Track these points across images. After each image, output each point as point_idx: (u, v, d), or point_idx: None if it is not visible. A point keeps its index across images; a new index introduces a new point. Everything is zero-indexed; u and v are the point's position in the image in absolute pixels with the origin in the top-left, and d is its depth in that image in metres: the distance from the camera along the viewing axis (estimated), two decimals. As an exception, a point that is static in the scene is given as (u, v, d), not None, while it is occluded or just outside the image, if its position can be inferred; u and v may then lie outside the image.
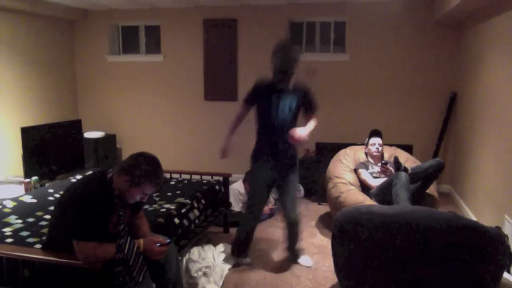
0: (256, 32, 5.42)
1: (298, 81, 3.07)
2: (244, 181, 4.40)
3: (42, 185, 3.93)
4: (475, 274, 2.04)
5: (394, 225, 2.16)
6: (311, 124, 3.08)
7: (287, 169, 3.12)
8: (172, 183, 3.87)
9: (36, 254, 2.16)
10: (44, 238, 2.41)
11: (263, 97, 3.05)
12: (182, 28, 5.64)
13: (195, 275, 2.94)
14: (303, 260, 3.35)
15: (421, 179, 3.50)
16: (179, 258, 2.72)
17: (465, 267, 2.05)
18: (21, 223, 2.78)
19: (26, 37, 5.14)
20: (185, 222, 3.07)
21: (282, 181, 3.13)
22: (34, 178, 3.93)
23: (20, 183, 3.98)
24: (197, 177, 4.08)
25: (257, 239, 3.75)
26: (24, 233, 2.60)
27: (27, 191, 3.71)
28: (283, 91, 3.01)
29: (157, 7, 5.57)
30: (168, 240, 2.27)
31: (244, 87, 5.50)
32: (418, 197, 3.54)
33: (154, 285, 2.28)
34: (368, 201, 3.51)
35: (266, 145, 3.09)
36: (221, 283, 2.98)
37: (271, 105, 3.01)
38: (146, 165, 2.08)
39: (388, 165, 3.80)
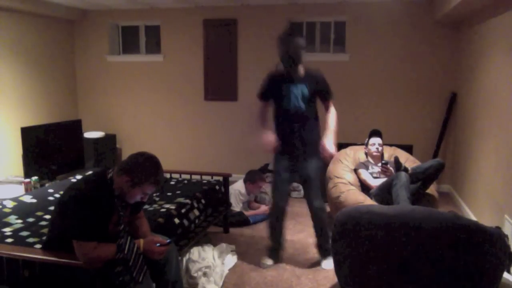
0: (256, 32, 5.42)
1: (310, 68, 3.07)
2: (245, 181, 4.40)
3: (42, 185, 3.94)
4: (475, 274, 2.04)
5: (394, 225, 2.16)
6: (332, 125, 3.07)
7: (306, 157, 3.08)
8: (172, 183, 3.87)
9: (36, 254, 2.16)
10: (44, 238, 2.41)
11: (275, 88, 3.05)
12: (182, 28, 5.64)
13: (195, 275, 2.94)
14: (326, 263, 3.22)
15: (421, 179, 3.50)
16: (179, 258, 2.72)
17: (465, 267, 2.05)
18: (21, 223, 2.78)
19: (26, 37, 5.14)
20: (185, 222, 3.07)
21: (302, 169, 3.10)
22: (34, 178, 3.93)
23: (20, 183, 3.98)
24: (197, 177, 4.08)
25: (258, 239, 3.76)
26: (24, 233, 2.60)
27: (27, 191, 3.71)
28: (294, 79, 3.00)
29: (157, 7, 5.57)
30: (168, 240, 2.27)
31: (244, 87, 5.52)
32: (418, 197, 3.55)
33: (154, 285, 2.28)
34: (368, 201, 3.51)
35: (282, 135, 3.06)
36: (221, 283, 2.98)
37: (283, 94, 3.01)
38: (146, 165, 2.08)
39: (388, 165, 3.80)
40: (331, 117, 3.12)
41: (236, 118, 5.54)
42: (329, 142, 3.02)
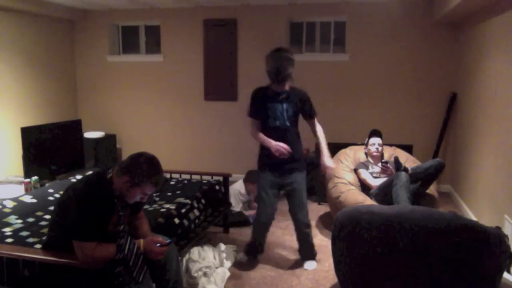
0: (256, 32, 5.42)
1: (294, 86, 3.09)
2: (245, 181, 4.40)
3: (42, 185, 3.93)
4: (475, 274, 2.05)
5: (394, 225, 2.16)
6: (323, 141, 3.15)
7: (292, 174, 3.10)
8: (172, 183, 3.87)
9: (36, 254, 2.16)
10: (44, 238, 2.41)
11: (261, 104, 3.05)
12: (182, 28, 5.64)
13: (195, 275, 2.94)
14: (308, 264, 3.28)
15: (421, 179, 3.50)
16: (179, 258, 2.72)
17: (465, 267, 2.05)
18: (21, 223, 2.78)
19: (26, 37, 5.14)
20: (185, 222, 3.07)
21: (288, 186, 3.13)
22: (34, 178, 3.93)
23: (20, 183, 3.98)
24: (197, 177, 4.08)
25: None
26: (24, 233, 2.60)
27: (27, 191, 3.71)
28: (279, 95, 3.01)
29: (157, 7, 5.57)
30: (169, 241, 2.27)
31: (244, 87, 5.51)
32: (418, 197, 3.55)
33: (154, 285, 2.28)
34: (368, 201, 3.51)
35: (269, 151, 3.04)
36: (221, 283, 2.98)
37: (269, 112, 3.03)
38: (146, 165, 2.08)
39: (388, 164, 3.80)
40: (321, 134, 3.20)
41: (236, 118, 5.54)
42: (327, 158, 3.13)
